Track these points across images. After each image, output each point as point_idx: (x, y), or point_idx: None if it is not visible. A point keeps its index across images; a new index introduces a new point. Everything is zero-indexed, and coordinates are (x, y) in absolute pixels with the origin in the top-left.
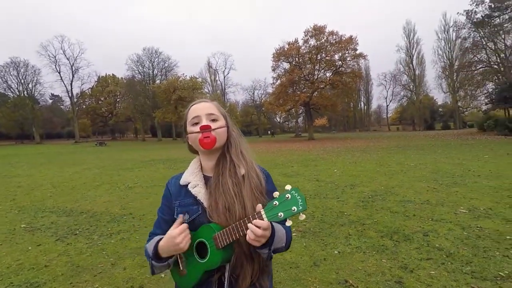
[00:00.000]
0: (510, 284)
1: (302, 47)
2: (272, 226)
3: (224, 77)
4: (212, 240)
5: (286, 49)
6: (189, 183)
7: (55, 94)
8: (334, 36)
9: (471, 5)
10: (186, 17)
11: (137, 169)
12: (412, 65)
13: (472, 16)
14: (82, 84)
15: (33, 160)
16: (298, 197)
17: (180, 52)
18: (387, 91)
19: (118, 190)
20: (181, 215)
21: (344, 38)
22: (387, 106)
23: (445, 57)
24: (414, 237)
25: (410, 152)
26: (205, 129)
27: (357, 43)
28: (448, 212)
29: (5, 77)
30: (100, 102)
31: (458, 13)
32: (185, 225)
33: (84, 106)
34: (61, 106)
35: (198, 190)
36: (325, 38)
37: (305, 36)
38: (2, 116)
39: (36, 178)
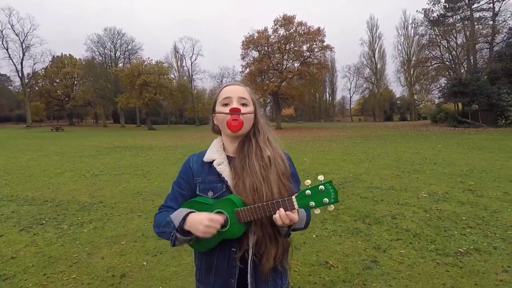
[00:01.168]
0: (468, 258)
1: (272, 36)
2: None
3: (192, 63)
4: (234, 214)
5: (255, 37)
6: (213, 160)
7: (2, 73)
8: (302, 27)
9: (428, 4)
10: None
11: (102, 156)
12: (374, 58)
13: (429, 14)
14: (34, 64)
15: None
16: (331, 190)
17: (145, 35)
18: (351, 83)
19: (84, 178)
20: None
21: (312, 30)
22: (350, 97)
23: (404, 53)
24: (384, 220)
25: (373, 142)
26: (235, 111)
27: (325, 35)
28: (412, 197)
29: None
30: (55, 84)
31: (417, 11)
32: (221, 221)
33: (37, 88)
34: (9, 87)
35: (223, 168)
36: (294, 28)
37: (275, 25)
38: None
39: None
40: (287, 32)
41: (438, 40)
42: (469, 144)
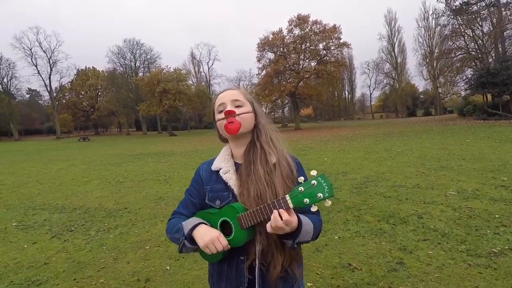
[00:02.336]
0: (503, 259)
1: (287, 37)
2: (300, 220)
3: (209, 68)
4: (236, 220)
5: (270, 39)
6: (220, 169)
7: (32, 88)
8: (318, 25)
9: None
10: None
11: (126, 164)
12: (394, 53)
13: (451, 3)
14: (61, 78)
15: (14, 158)
16: (324, 183)
17: (162, 44)
18: (370, 80)
19: (109, 185)
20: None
21: (328, 27)
22: (370, 94)
23: (425, 45)
24: (409, 219)
25: (395, 139)
26: (229, 114)
27: (341, 32)
28: (439, 195)
29: None
30: (81, 96)
31: (437, 0)
32: (226, 245)
33: (64, 101)
34: (40, 101)
35: (229, 176)
36: (309, 28)
37: (289, 25)
38: None
39: (20, 175)
40: (302, 32)
41: (462, 30)
42: (501, 138)
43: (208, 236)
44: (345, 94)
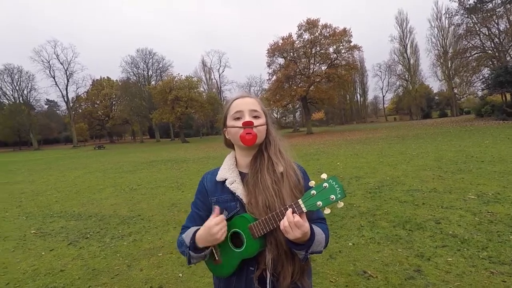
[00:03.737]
0: None
1: (296, 42)
2: (313, 230)
3: (219, 75)
4: (248, 230)
5: (280, 44)
6: (226, 179)
7: (50, 99)
8: (327, 29)
9: None
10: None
11: (139, 171)
12: (406, 54)
13: (465, 2)
14: (77, 88)
15: (33, 166)
16: (336, 185)
17: (174, 53)
18: (383, 82)
19: (123, 193)
20: (216, 207)
21: (338, 31)
22: (383, 96)
23: (438, 45)
24: (427, 225)
25: (410, 142)
26: (248, 125)
27: (351, 35)
28: (457, 199)
29: (0, 84)
30: (96, 106)
31: (450, 0)
32: (222, 216)
33: (80, 110)
34: (57, 111)
35: (236, 186)
36: (319, 32)
37: (299, 30)
38: None
39: (38, 183)
40: (312, 36)
41: (477, 28)
42: None
43: (210, 232)
44: (357, 97)
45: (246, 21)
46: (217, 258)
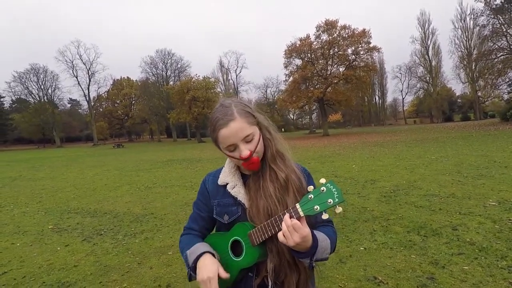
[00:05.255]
0: None
1: (314, 43)
2: (315, 237)
3: (236, 76)
4: (247, 238)
5: (298, 45)
6: (227, 184)
7: (73, 98)
8: (346, 30)
9: None
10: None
11: (155, 170)
12: (428, 56)
13: (491, 2)
14: (98, 88)
15: (55, 163)
16: (334, 189)
17: (194, 54)
18: (403, 84)
19: (138, 191)
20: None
21: (357, 32)
22: (403, 99)
23: (462, 47)
24: (443, 231)
25: (429, 145)
26: (247, 158)
27: (371, 36)
28: (477, 205)
29: (26, 83)
30: (116, 105)
31: (476, 0)
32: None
33: (101, 109)
34: (79, 110)
35: (238, 191)
36: (337, 33)
37: (317, 31)
38: (24, 121)
39: (59, 180)
40: (330, 37)
41: (504, 29)
42: None
43: (205, 273)
44: (375, 99)
45: (265, 22)
46: (224, 277)
